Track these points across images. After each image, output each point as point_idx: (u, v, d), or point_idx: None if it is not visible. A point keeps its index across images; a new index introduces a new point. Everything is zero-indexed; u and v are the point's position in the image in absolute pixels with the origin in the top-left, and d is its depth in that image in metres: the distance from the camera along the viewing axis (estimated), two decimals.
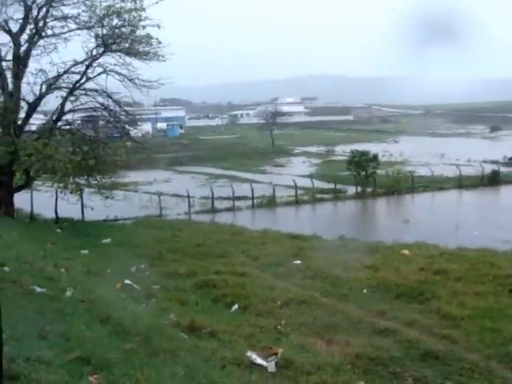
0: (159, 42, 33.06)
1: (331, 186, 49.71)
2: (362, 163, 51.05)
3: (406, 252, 23.33)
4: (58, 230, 29.69)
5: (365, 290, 17.31)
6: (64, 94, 34.09)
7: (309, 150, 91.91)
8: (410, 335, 13.02)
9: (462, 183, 51.41)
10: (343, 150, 78.16)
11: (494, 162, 62.74)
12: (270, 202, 45.48)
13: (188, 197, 44.40)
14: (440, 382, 10.66)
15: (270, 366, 9.98)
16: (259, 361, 9.98)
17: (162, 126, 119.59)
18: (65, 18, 32.70)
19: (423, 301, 16.03)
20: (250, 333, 12.32)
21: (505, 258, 22.11)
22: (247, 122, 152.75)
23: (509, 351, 12.17)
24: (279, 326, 13.33)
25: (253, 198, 45.55)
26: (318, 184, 51.22)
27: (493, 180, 52.27)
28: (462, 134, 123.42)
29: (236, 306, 15.25)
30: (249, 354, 10.20)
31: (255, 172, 66.39)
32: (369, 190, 49.47)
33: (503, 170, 56.73)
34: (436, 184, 51.35)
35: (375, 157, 52.54)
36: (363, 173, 50.82)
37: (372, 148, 61.46)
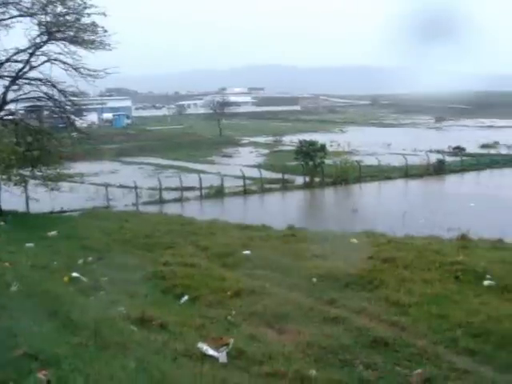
0: (105, 31, 32.45)
1: (279, 175, 49.87)
2: (309, 153, 51.40)
3: (355, 241, 23.54)
4: (2, 223, 28.93)
5: (314, 279, 17.36)
6: (6, 83, 33.18)
7: (257, 140, 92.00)
8: (359, 323, 13.14)
9: (408, 172, 52.27)
10: (291, 140, 78.56)
11: (439, 152, 64.01)
12: (219, 193, 45.41)
13: (135, 188, 43.92)
14: (389, 368, 10.79)
15: (222, 356, 9.93)
16: (210, 352, 9.92)
17: (108, 116, 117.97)
18: (5, 3, 31.74)
19: (372, 289, 16.19)
20: (200, 324, 12.24)
21: (450, 246, 22.56)
22: (194, 113, 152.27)
23: (455, 336, 12.41)
24: (230, 317, 13.28)
25: (201, 189, 45.41)
26: (266, 174, 51.35)
27: (438, 169, 53.36)
28: (408, 124, 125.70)
29: (186, 297, 15.15)
30: (200, 345, 10.13)
31: (203, 162, 66.11)
32: (317, 179, 49.84)
33: (448, 159, 57.98)
34: (383, 173, 52.08)
35: (323, 147, 52.93)
36: (311, 163, 51.17)
37: (320, 138, 61.92)
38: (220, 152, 77.29)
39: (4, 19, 32.04)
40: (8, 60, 32.70)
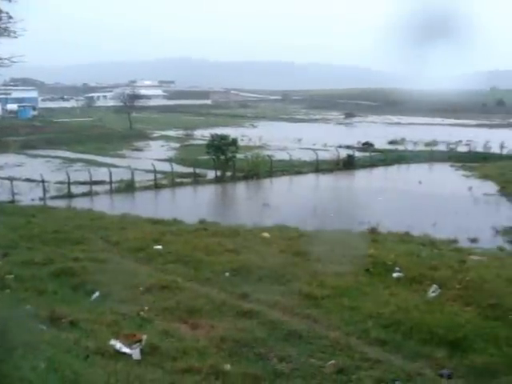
0: (10, 17, 31.13)
1: (191, 170, 49.55)
2: (221, 147, 51.37)
3: (267, 235, 23.72)
4: None
5: (227, 274, 17.37)
6: None
7: (168, 133, 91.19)
8: (273, 316, 13.24)
9: (319, 167, 53.08)
10: (202, 134, 78.37)
11: (348, 147, 65.43)
12: (129, 187, 44.67)
13: (42, 181, 42.55)
14: (303, 360, 10.92)
15: (135, 353, 9.78)
16: (124, 349, 9.75)
17: (12, 107, 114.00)
18: None
19: (285, 282, 16.34)
20: (112, 320, 11.99)
21: (360, 238, 23.14)
22: (104, 105, 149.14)
23: (367, 327, 12.74)
24: (142, 312, 13.08)
25: (111, 183, 44.54)
26: (178, 168, 50.93)
27: (348, 164, 54.49)
28: (319, 120, 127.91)
29: (97, 294, 14.79)
30: (112, 342, 9.93)
31: (113, 156, 64.85)
32: (228, 174, 49.89)
33: (357, 154, 59.32)
34: (294, 168, 52.69)
35: (234, 141, 53.01)
36: (222, 157, 51.17)
37: (231, 132, 62.01)
38: (130, 145, 75.99)
39: None
40: None
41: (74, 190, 43.14)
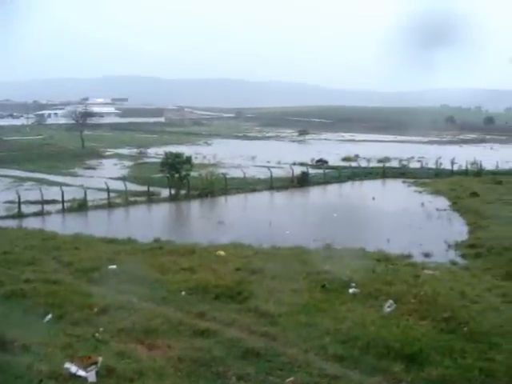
0: None
1: (144, 188, 49.07)
2: (175, 165, 51.07)
3: (222, 253, 23.63)
4: None
5: (183, 293, 17.25)
6: None
7: (121, 151, 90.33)
8: (230, 335, 13.18)
9: (273, 185, 53.18)
10: (156, 152, 77.82)
11: (302, 164, 65.72)
12: (82, 206, 43.95)
13: None
14: (262, 378, 10.87)
15: (91, 375, 9.59)
16: (79, 372, 9.57)
17: None
18: None
19: (241, 300, 16.31)
20: (66, 343, 11.76)
21: (316, 256, 23.20)
22: (55, 123, 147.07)
23: (324, 344, 12.77)
24: (97, 334, 12.87)
25: (63, 202, 43.73)
26: (131, 186, 50.39)
27: (302, 181, 54.70)
28: (272, 137, 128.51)
29: (50, 316, 14.49)
30: (67, 365, 9.73)
31: (65, 175, 63.80)
32: (183, 192, 49.57)
33: (311, 171, 59.63)
34: (248, 186, 52.66)
35: (188, 159, 52.78)
36: (177, 175, 50.87)
37: (185, 150, 61.79)
38: (83, 164, 74.96)
39: None
40: None
41: (25, 209, 42.22)
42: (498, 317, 15.62)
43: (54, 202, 44.25)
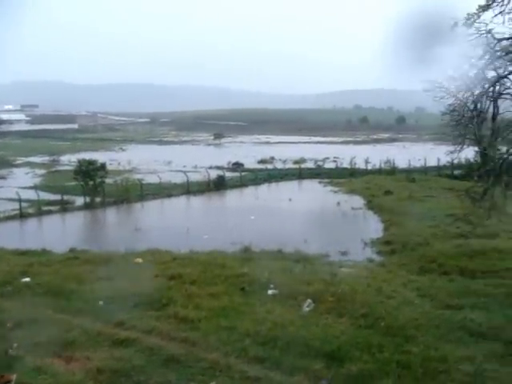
0: None
1: (58, 197, 47.82)
2: (89, 172, 50.02)
3: (140, 260, 23.32)
4: None
5: (101, 302, 16.90)
6: None
7: (32, 160, 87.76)
8: (150, 342, 13.03)
9: (190, 189, 52.97)
10: (69, 160, 76.20)
11: (219, 168, 65.87)
12: None
13: None
14: None
15: None
16: None
17: None
18: None
19: (160, 307, 16.14)
20: None
21: (234, 259, 23.27)
22: None
23: (245, 346, 12.82)
24: (11, 350, 12.42)
25: None
26: (44, 195, 49.00)
27: (219, 185, 54.76)
28: (188, 142, 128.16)
29: None
30: None
31: None
32: (98, 199, 48.63)
33: (228, 175, 59.76)
34: (165, 191, 52.23)
35: (103, 166, 51.84)
36: (91, 182, 49.84)
37: (99, 157, 60.71)
38: None
39: None
40: None
41: None
42: (414, 311, 16.12)
43: None
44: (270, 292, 17.44)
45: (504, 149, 19.30)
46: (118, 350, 12.60)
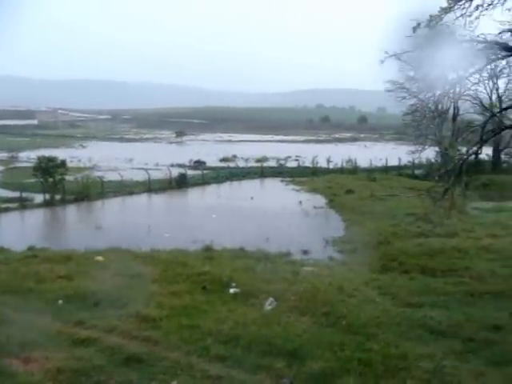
0: None
1: (16, 194, 46.97)
2: (49, 169, 49.27)
3: (100, 258, 23.05)
4: None
5: (60, 301, 16.70)
6: None
7: None
8: (111, 342, 12.90)
9: (151, 187, 52.55)
10: (29, 156, 74.90)
11: (180, 166, 65.47)
12: None
13: None
14: None
15: None
16: None
17: None
18: None
19: (122, 306, 15.97)
20: None
21: (195, 257, 23.21)
22: None
23: (207, 345, 12.80)
24: None
25: None
26: (2, 193, 48.16)
27: (180, 183, 54.48)
28: (150, 139, 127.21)
29: None
30: None
31: None
32: (58, 197, 47.93)
33: (190, 172, 59.52)
34: (126, 189, 51.71)
35: (63, 163, 51.11)
36: (51, 179, 49.11)
37: (59, 153, 59.73)
38: None
39: None
40: None
41: None
42: (375, 309, 16.29)
43: None
44: (231, 291, 17.43)
45: (464, 149, 19.63)
46: (79, 349, 12.45)
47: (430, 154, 58.44)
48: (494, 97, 61.58)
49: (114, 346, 12.57)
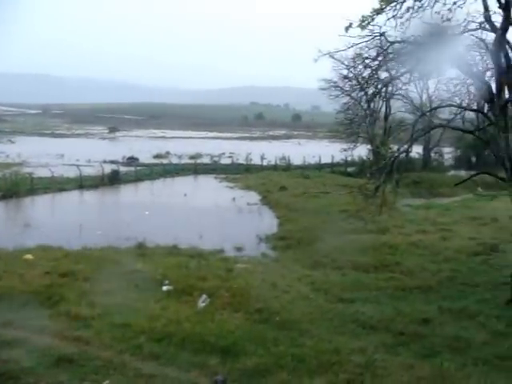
0: None
1: None
2: None
3: (29, 257, 22.45)
4: None
5: None
6: None
7: None
8: (41, 342, 12.62)
9: (83, 184, 51.56)
10: None
11: (113, 162, 64.55)
12: None
13: None
14: None
15: None
16: None
17: None
18: None
19: (52, 305, 15.68)
20: None
21: (128, 255, 22.92)
22: None
23: (139, 343, 12.70)
24: None
25: None
26: None
27: (113, 179, 53.66)
28: (82, 135, 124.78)
29: None
30: None
31: None
32: None
33: (122, 169, 58.72)
34: (57, 185, 50.57)
35: None
36: None
37: None
38: None
39: None
40: None
41: None
42: (308, 305, 16.51)
43: None
44: (164, 288, 17.32)
45: (395, 147, 20.03)
46: (6, 351, 12.09)
47: (362, 151, 59.59)
48: (425, 96, 63.53)
49: (43, 347, 12.29)
